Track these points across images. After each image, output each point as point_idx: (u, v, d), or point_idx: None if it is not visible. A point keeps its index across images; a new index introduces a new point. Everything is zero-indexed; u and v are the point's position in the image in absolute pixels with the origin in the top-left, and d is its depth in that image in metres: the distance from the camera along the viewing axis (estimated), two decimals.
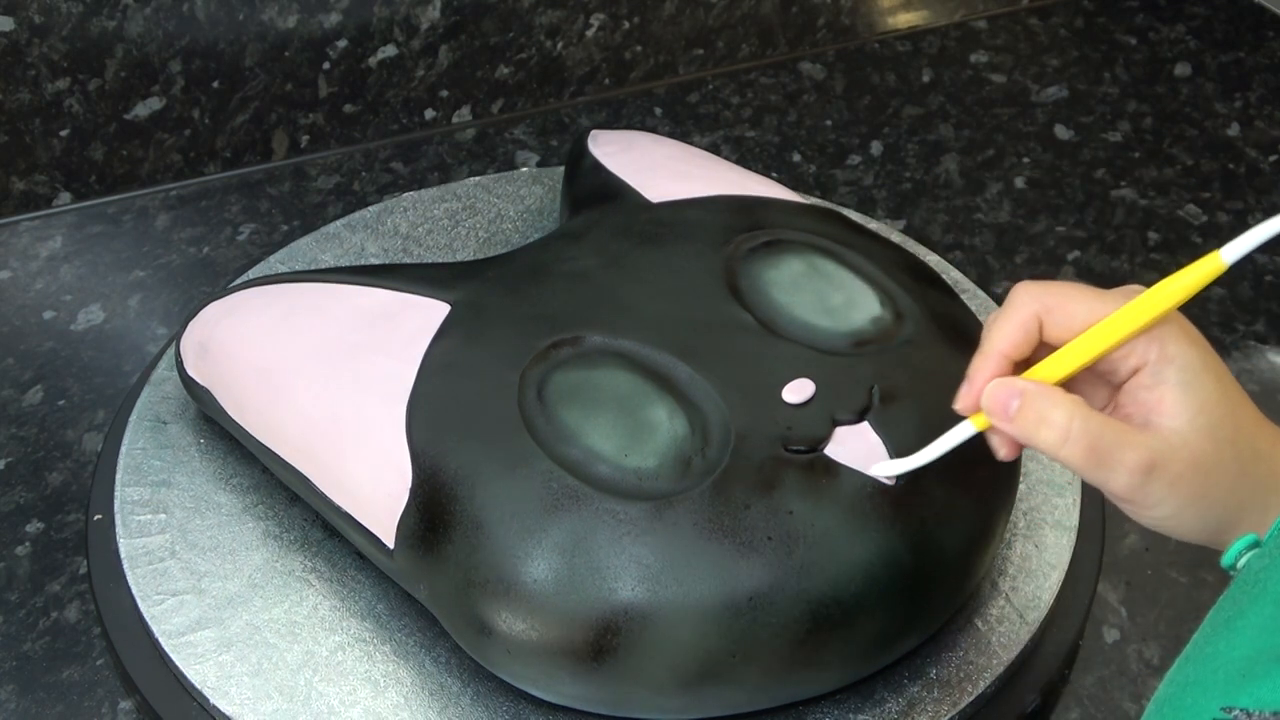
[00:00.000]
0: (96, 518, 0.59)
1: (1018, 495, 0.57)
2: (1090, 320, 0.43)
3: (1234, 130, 0.89)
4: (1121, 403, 0.44)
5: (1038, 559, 0.57)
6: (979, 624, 0.54)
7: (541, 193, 0.77)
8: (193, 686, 0.52)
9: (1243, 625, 0.35)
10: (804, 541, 0.47)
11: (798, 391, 0.51)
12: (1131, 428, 0.42)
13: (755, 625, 0.46)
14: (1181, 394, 0.42)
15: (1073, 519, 0.59)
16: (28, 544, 0.61)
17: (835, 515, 0.47)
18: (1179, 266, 0.43)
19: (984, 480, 0.51)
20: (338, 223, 0.74)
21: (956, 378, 0.52)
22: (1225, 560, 0.42)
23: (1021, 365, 0.45)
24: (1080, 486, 0.60)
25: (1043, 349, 0.44)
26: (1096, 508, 0.60)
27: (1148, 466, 0.41)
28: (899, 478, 0.49)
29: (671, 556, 0.46)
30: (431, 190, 0.77)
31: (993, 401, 0.43)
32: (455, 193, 0.77)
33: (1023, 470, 0.60)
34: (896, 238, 0.74)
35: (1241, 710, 0.32)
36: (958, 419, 0.47)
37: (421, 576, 0.50)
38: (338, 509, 0.53)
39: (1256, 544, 0.41)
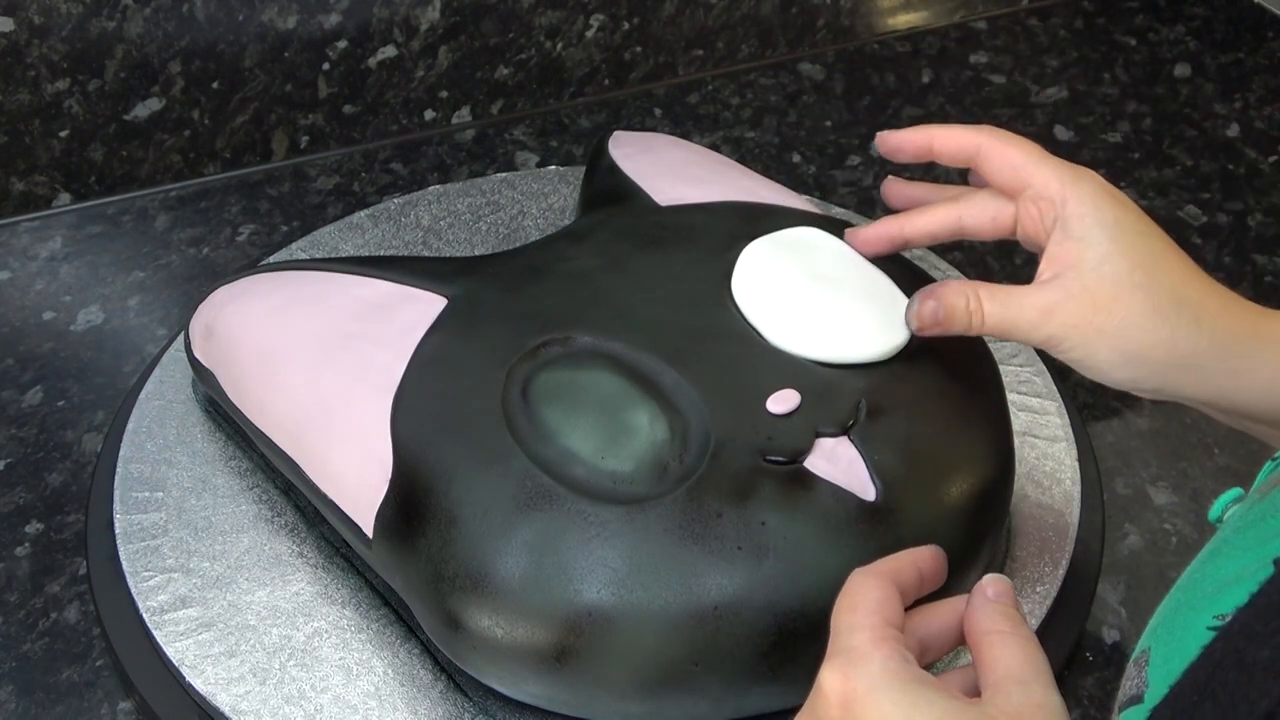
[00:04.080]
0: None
1: (1015, 497, 0.57)
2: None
3: (1234, 131, 0.89)
4: (1048, 254, 0.50)
5: (1038, 559, 0.57)
6: None
7: (567, 191, 0.77)
8: (182, 676, 0.52)
9: (1227, 550, 0.37)
10: (774, 553, 0.46)
11: (782, 402, 0.50)
12: (1028, 288, 0.49)
13: (719, 635, 0.46)
14: (1083, 248, 0.48)
15: (1073, 518, 0.59)
16: (27, 545, 0.61)
17: (808, 528, 0.47)
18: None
19: (970, 504, 0.51)
20: (362, 213, 0.75)
21: (948, 398, 0.52)
22: (1212, 514, 0.44)
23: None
24: (1081, 489, 0.60)
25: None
26: (1097, 508, 0.60)
27: (1047, 309, 0.48)
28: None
29: (639, 561, 0.46)
30: (457, 184, 0.78)
31: (927, 316, 0.51)
32: (480, 188, 0.77)
33: (1022, 470, 0.60)
34: None
35: (1234, 610, 0.33)
36: (945, 439, 0.50)
37: (397, 568, 0.50)
38: (323, 496, 0.54)
39: (1240, 498, 0.43)
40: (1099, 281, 0.48)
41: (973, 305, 0.49)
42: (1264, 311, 0.49)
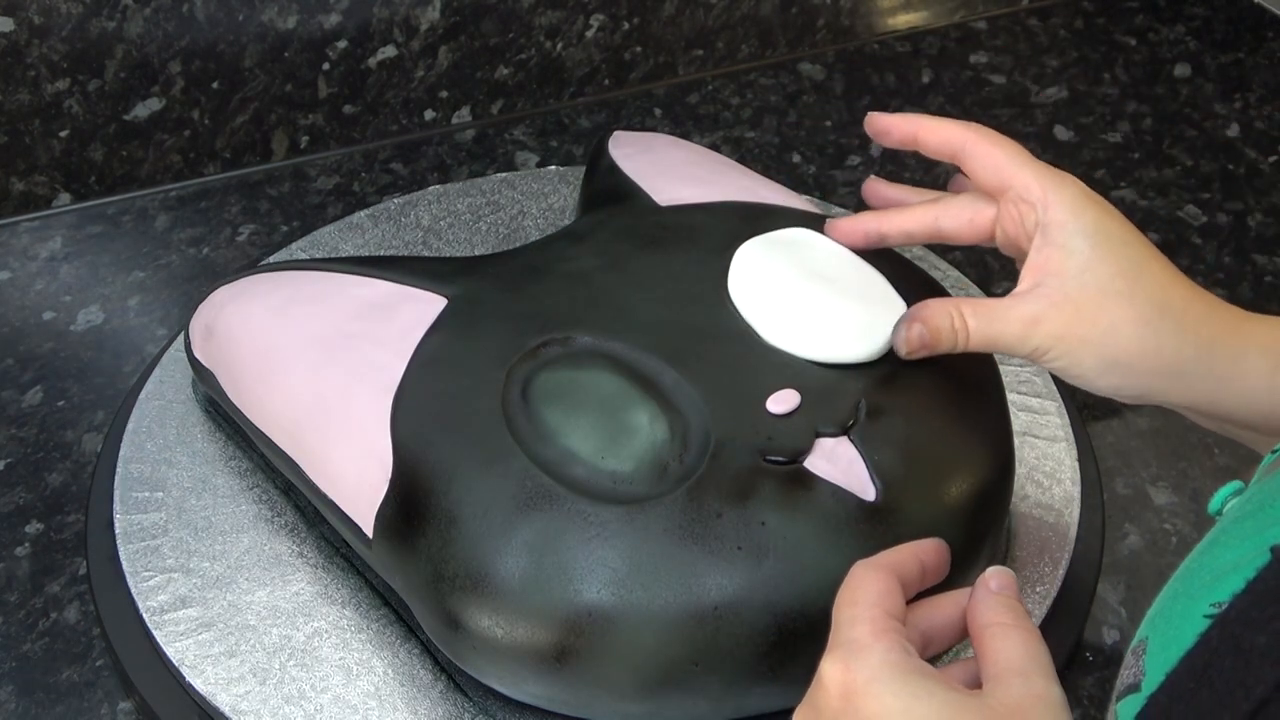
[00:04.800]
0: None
1: (1015, 497, 0.57)
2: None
3: (1234, 131, 0.89)
4: (1029, 262, 0.49)
5: (1038, 559, 0.57)
6: None
7: (567, 191, 0.77)
8: (182, 676, 0.52)
9: (1225, 540, 0.37)
10: (774, 553, 0.46)
11: (782, 402, 0.50)
12: (1010, 300, 0.49)
13: (719, 635, 0.46)
14: (1064, 256, 0.48)
15: (1073, 518, 0.59)
16: (27, 545, 0.61)
17: (808, 529, 0.47)
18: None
19: (970, 504, 0.51)
20: (362, 213, 0.75)
21: (948, 398, 0.52)
22: (1212, 507, 0.44)
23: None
24: (1081, 489, 0.60)
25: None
26: (1097, 508, 0.60)
27: (1031, 321, 0.48)
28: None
29: (639, 561, 0.46)
30: (457, 184, 0.78)
31: (914, 340, 0.50)
32: (480, 188, 0.77)
33: (1022, 470, 0.60)
34: None
35: (1231, 599, 0.33)
36: (945, 439, 0.50)
37: (397, 568, 0.50)
38: (323, 496, 0.54)
39: (1240, 491, 0.43)
40: (1081, 290, 0.48)
41: (957, 323, 0.49)
42: (1248, 316, 0.49)
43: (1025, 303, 0.48)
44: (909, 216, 0.54)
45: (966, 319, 0.49)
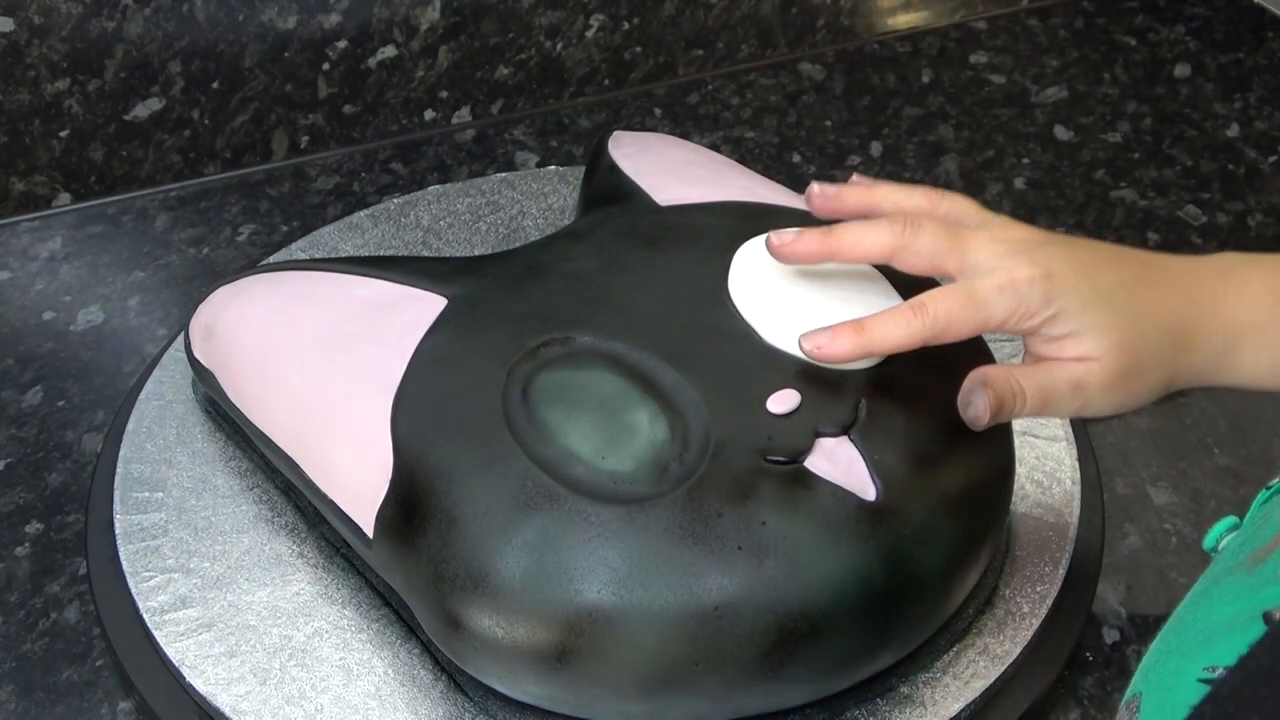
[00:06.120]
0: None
1: (1015, 497, 0.57)
2: None
3: (1234, 131, 0.89)
4: (1041, 353, 0.49)
5: (1038, 559, 0.57)
6: (980, 624, 0.54)
7: (566, 191, 0.77)
8: (182, 677, 0.52)
9: (1218, 594, 0.37)
10: (774, 553, 0.46)
11: (782, 402, 0.50)
12: (1055, 365, 0.48)
13: (720, 635, 0.46)
14: (1076, 342, 0.48)
15: (1073, 518, 0.59)
16: (27, 545, 0.61)
17: (809, 529, 0.47)
18: None
19: (970, 504, 0.51)
20: (362, 213, 0.75)
21: (948, 400, 0.52)
22: (1207, 544, 0.44)
23: None
24: (1081, 489, 0.60)
25: None
26: (1097, 508, 0.60)
27: (1080, 404, 0.48)
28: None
29: (640, 561, 0.46)
30: (457, 184, 0.78)
31: (975, 409, 0.48)
32: (480, 188, 0.77)
33: (1022, 470, 0.60)
34: None
35: (1224, 668, 0.33)
36: (945, 439, 0.50)
37: (398, 568, 0.50)
38: (323, 496, 0.54)
39: (1236, 526, 0.42)
40: (1112, 356, 0.48)
41: (1015, 388, 0.48)
42: (1218, 296, 0.50)
43: (1068, 367, 0.48)
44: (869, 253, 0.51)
45: (1023, 383, 0.48)
